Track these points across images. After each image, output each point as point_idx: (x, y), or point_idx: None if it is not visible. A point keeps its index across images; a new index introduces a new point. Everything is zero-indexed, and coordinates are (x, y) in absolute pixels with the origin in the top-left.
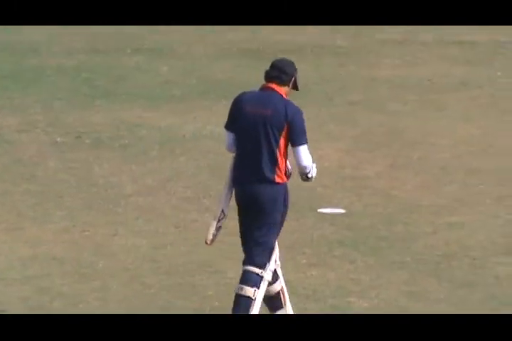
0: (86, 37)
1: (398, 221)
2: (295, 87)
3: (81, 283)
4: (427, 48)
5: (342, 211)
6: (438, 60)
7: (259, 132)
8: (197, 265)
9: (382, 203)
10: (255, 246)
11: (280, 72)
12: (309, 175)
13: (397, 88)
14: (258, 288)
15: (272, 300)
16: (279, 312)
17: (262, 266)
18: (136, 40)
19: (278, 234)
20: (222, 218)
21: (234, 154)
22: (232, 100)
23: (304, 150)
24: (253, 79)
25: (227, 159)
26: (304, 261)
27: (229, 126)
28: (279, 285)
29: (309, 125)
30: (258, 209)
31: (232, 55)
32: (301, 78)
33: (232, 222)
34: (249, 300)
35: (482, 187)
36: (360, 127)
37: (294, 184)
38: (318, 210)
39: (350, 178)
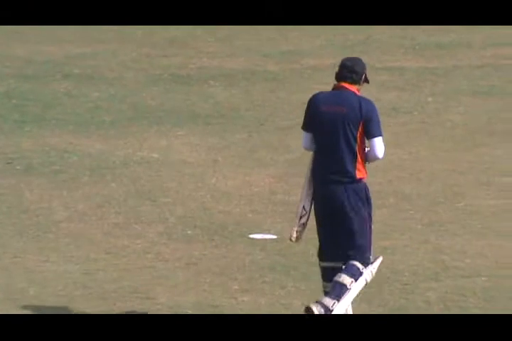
0: (16, 62)
1: None
2: (366, 81)
3: (12, 310)
4: None
5: (273, 236)
6: (369, 85)
7: (337, 129)
8: (128, 291)
9: (313, 228)
10: (353, 241)
11: (351, 71)
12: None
13: None
14: (355, 280)
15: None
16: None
17: (365, 264)
18: (65, 65)
19: (371, 230)
20: (305, 214)
21: (313, 152)
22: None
23: (379, 142)
24: (183, 105)
25: (156, 185)
26: (236, 286)
27: (306, 126)
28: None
29: (240, 151)
30: (342, 207)
31: (163, 81)
32: (232, 104)
33: (163, 247)
34: (344, 288)
35: (412, 212)
36: (292, 152)
37: (223, 210)
38: (250, 236)
39: (281, 204)
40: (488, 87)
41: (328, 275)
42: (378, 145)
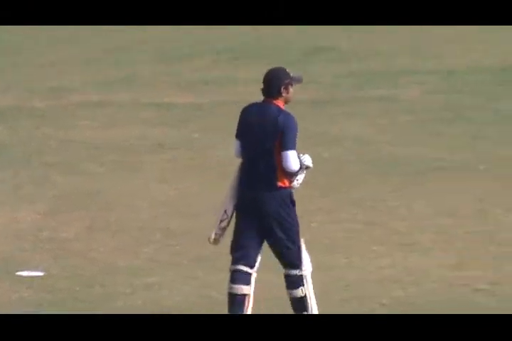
0: None
1: (96, 282)
2: (287, 89)
3: None
4: (123, 110)
5: (40, 273)
6: (135, 121)
7: (259, 141)
8: None
9: (80, 265)
10: (286, 249)
11: (267, 86)
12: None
13: (94, 149)
14: (303, 286)
15: (236, 301)
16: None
17: (298, 266)
18: None
19: (299, 231)
20: (225, 218)
21: (241, 160)
22: None
23: (291, 155)
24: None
25: None
26: None
27: (237, 134)
28: (249, 290)
29: (5, 188)
30: (269, 214)
31: None
32: (4, 139)
33: None
34: (302, 300)
35: (179, 247)
36: (58, 189)
37: None
38: (17, 273)
39: (48, 240)
40: None
41: (237, 278)
42: (289, 158)
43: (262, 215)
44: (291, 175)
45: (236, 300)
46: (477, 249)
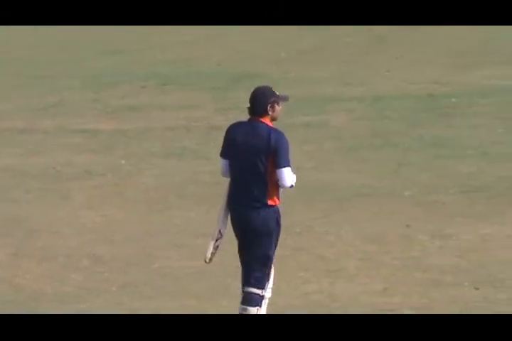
0: None
1: (23, 309)
2: (273, 107)
3: None
4: (49, 137)
5: None
6: (61, 148)
7: (250, 160)
8: None
9: (6, 292)
10: (255, 266)
11: (254, 105)
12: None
13: (19, 176)
14: (260, 306)
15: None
16: None
17: (262, 286)
18: None
19: (274, 253)
20: (220, 238)
21: (229, 180)
22: None
23: (286, 173)
24: None
25: None
26: None
27: (223, 153)
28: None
29: None
30: (254, 231)
31: None
32: None
33: None
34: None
35: (107, 274)
36: None
37: None
38: None
39: None
40: (181, 149)
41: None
42: (285, 176)
43: (249, 230)
44: (281, 192)
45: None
46: (403, 275)
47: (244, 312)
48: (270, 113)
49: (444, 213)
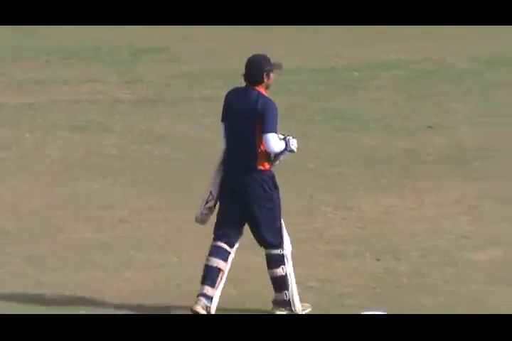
0: None
1: None
2: (276, 69)
3: None
4: None
5: None
6: None
7: (240, 125)
8: None
9: None
10: (267, 229)
11: (249, 73)
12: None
13: None
14: (284, 264)
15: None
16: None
17: (279, 246)
18: None
19: (280, 212)
20: (211, 199)
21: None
22: None
23: (272, 137)
24: None
25: None
26: None
27: (222, 117)
28: (224, 266)
29: None
30: (249, 196)
31: None
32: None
33: None
34: (283, 278)
35: (11, 246)
36: None
37: None
38: None
39: None
40: (85, 122)
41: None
42: (269, 141)
43: (243, 197)
44: (272, 157)
45: (210, 272)
46: (306, 246)
47: (273, 275)
48: (265, 81)
49: (347, 185)
